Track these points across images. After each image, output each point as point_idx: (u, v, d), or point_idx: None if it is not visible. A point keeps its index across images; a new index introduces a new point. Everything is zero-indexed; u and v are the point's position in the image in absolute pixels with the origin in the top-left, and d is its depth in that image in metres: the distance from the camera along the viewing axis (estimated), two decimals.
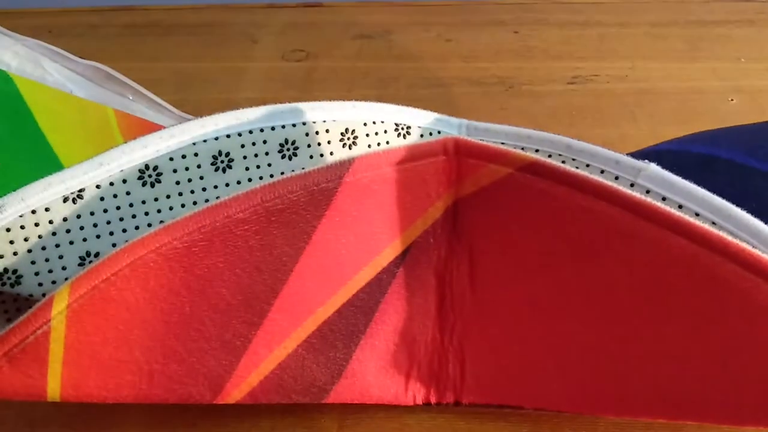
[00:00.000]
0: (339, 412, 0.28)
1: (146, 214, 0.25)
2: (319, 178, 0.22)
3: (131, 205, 0.24)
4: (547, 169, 0.23)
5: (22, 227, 0.23)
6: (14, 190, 0.23)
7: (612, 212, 0.22)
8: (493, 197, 0.25)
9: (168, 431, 0.28)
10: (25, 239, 0.23)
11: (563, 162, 0.26)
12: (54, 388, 0.21)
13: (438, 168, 0.25)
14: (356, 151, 0.27)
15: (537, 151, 0.27)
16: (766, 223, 0.22)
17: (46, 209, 0.23)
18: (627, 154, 0.25)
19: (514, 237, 0.25)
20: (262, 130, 0.26)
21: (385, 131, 0.28)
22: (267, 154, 0.26)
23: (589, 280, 0.24)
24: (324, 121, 0.27)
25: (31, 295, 0.24)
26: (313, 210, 0.23)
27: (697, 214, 0.23)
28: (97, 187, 0.24)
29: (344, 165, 0.23)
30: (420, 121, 0.29)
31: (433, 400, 0.28)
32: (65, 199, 0.23)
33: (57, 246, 0.23)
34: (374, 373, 0.27)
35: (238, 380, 0.24)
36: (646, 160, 0.25)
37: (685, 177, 0.24)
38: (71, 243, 0.24)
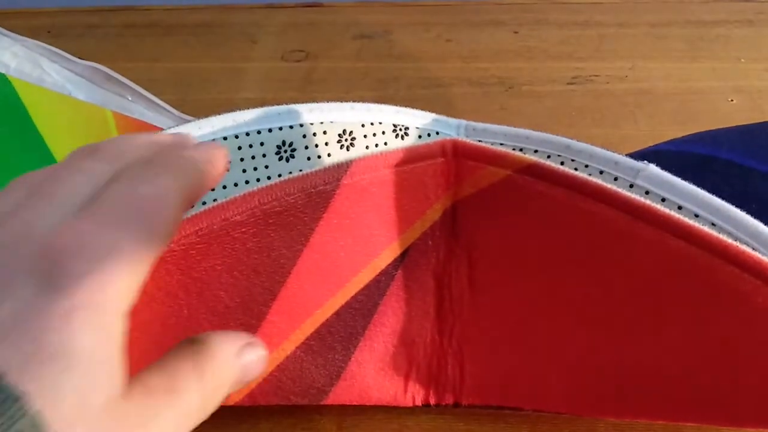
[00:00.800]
0: (338, 413, 0.28)
1: None
2: (316, 180, 0.22)
3: None
4: (545, 171, 0.23)
5: None
6: None
7: (611, 214, 0.22)
8: (492, 199, 0.25)
9: None
10: None
11: (562, 163, 0.26)
12: None
13: (436, 170, 0.25)
14: (354, 153, 0.27)
15: (536, 151, 0.27)
16: (765, 224, 0.22)
17: None
18: (626, 155, 0.25)
19: (512, 239, 0.25)
20: (259, 132, 0.26)
21: (383, 132, 0.28)
22: (264, 156, 0.26)
23: (588, 282, 0.24)
24: (321, 123, 0.27)
25: None
26: (311, 212, 0.23)
27: (696, 215, 0.23)
28: None
29: (342, 167, 0.23)
30: (418, 121, 0.29)
31: (432, 401, 0.27)
32: None
33: None
34: (373, 375, 0.27)
35: None
36: (645, 161, 0.24)
37: (685, 177, 0.24)
38: None
